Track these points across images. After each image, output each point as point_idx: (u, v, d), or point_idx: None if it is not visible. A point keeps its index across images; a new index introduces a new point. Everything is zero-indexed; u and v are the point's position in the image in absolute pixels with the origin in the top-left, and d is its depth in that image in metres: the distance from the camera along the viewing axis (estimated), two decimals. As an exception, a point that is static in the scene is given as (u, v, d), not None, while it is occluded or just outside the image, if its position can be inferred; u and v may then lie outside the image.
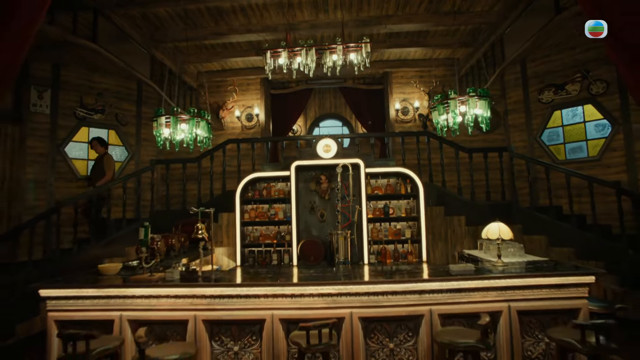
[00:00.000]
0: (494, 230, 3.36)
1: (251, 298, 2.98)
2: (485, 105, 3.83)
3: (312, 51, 4.15)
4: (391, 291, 2.94)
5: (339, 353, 2.94)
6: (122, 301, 3.04)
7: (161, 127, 4.17)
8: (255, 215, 5.66)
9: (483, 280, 2.95)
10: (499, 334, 2.96)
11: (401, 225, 5.54)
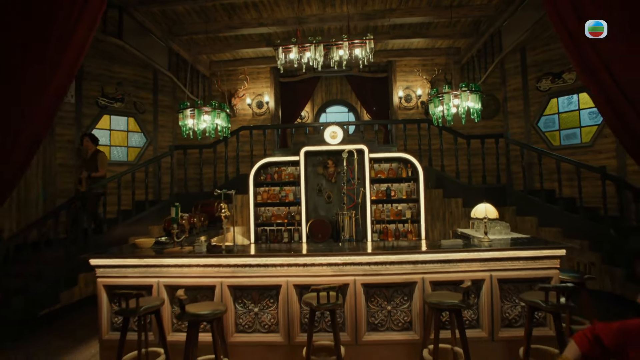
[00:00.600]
0: (481, 210, 3.80)
1: (269, 267, 3.47)
2: (477, 98, 4.21)
3: (320, 47, 4.53)
4: (389, 261, 3.42)
5: (344, 314, 3.45)
6: (158, 269, 3.56)
7: (186, 119, 4.62)
8: (267, 197, 6.16)
9: (469, 253, 3.42)
10: (482, 299, 3.44)
11: (402, 206, 6.01)
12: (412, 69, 7.95)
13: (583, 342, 1.66)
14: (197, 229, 5.55)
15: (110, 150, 7.46)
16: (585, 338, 1.66)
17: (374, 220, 5.81)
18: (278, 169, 6.21)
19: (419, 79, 7.93)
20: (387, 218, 5.98)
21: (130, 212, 6.50)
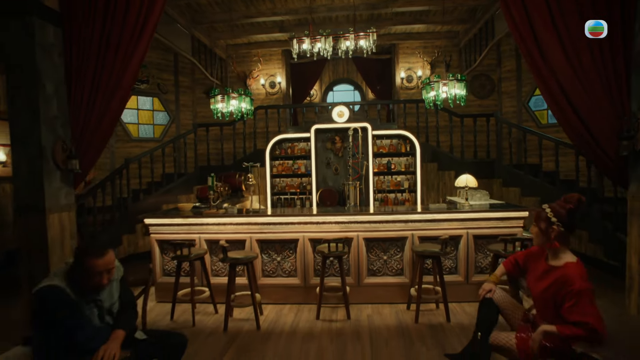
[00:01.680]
0: (462, 180, 4.59)
1: (289, 225, 4.32)
2: (462, 86, 4.89)
3: (330, 38, 5.19)
4: (386, 220, 4.25)
5: (349, 262, 4.31)
6: (200, 227, 4.42)
7: (217, 103, 5.37)
8: (282, 169, 6.97)
9: (450, 214, 4.23)
10: (460, 251, 4.28)
11: (401, 177, 6.80)
12: (414, 51, 8.53)
13: (507, 264, 2.48)
14: (223, 197, 6.42)
15: (139, 128, 8.26)
16: (509, 262, 2.48)
17: (376, 190, 6.62)
18: (291, 145, 6.98)
19: (420, 61, 8.52)
20: (387, 188, 6.79)
21: (160, 183, 7.37)
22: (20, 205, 3.41)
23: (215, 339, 3.52)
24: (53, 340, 1.77)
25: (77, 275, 1.86)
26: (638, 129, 2.93)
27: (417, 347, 3.27)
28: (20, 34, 3.29)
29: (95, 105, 3.53)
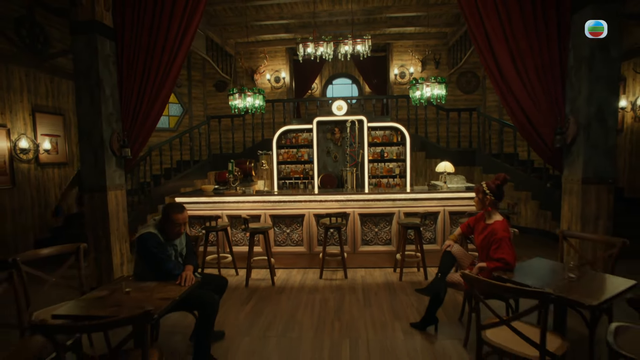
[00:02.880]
0: (441, 166, 5.48)
1: (296, 202, 5.22)
2: (442, 87, 5.74)
3: (331, 44, 6.01)
4: (377, 199, 5.16)
5: (347, 233, 5.23)
6: (222, 204, 5.31)
7: (235, 100, 6.21)
8: (287, 156, 7.83)
9: (429, 194, 5.14)
10: (437, 225, 5.20)
11: (392, 165, 7.68)
12: (407, 50, 9.33)
13: (462, 227, 3.39)
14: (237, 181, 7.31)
15: (157, 119, 9.06)
16: (464, 225, 3.39)
17: (370, 175, 7.51)
18: (295, 135, 7.84)
19: (412, 59, 9.34)
20: (380, 174, 7.68)
21: (177, 169, 8.24)
22: (87, 185, 4.29)
23: (240, 292, 4.45)
24: (150, 268, 2.67)
25: (164, 226, 2.75)
26: (568, 127, 3.81)
27: (399, 295, 4.22)
28: (86, 48, 4.12)
29: (142, 105, 4.37)
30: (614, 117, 3.66)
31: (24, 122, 6.05)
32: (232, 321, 3.64)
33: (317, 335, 3.34)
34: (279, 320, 3.65)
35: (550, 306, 1.99)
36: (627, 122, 6.39)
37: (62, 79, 6.88)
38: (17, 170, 5.88)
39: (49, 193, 6.52)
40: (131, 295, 2.40)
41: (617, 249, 2.84)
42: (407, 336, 3.28)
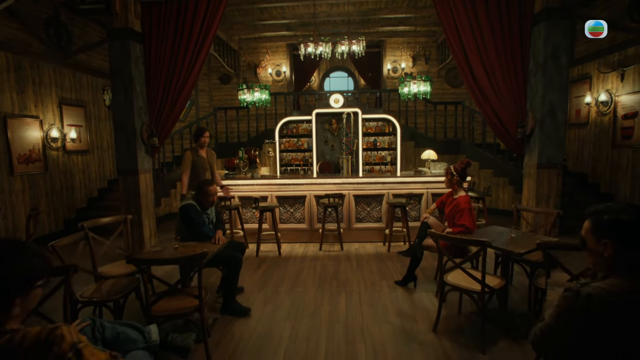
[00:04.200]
0: (426, 154, 6.26)
1: (299, 185, 5.98)
2: (428, 85, 6.48)
3: (329, 44, 6.71)
4: (369, 182, 5.93)
5: (343, 212, 6.02)
6: (233, 187, 6.04)
7: (244, 94, 6.92)
8: (288, 145, 8.56)
9: (414, 178, 5.92)
10: (422, 204, 6.00)
11: (384, 153, 8.44)
12: (399, 46, 10.03)
13: (437, 202, 4.17)
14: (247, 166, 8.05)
15: (166, 109, 9.73)
16: (438, 201, 4.17)
17: (364, 163, 8.26)
18: (296, 125, 8.55)
19: (404, 55, 10.04)
20: (373, 161, 8.44)
21: (187, 156, 8.94)
22: (121, 169, 5.02)
23: (252, 261, 5.24)
24: (191, 232, 3.44)
25: (199, 197, 3.52)
26: (528, 121, 4.58)
27: (387, 262, 5.02)
28: (121, 51, 4.80)
29: (167, 100, 5.08)
30: (563, 114, 4.44)
31: (53, 113, 6.73)
32: (248, 281, 4.42)
33: (318, 290, 4.14)
34: (287, 280, 4.44)
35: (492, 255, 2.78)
36: (592, 117, 7.18)
37: (83, 73, 7.53)
38: (49, 157, 6.57)
39: (74, 178, 7.22)
40: (179, 249, 3.16)
41: (554, 218, 3.65)
42: (391, 290, 4.09)
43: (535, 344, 1.48)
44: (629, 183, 6.26)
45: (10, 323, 1.11)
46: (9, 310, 1.08)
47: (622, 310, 1.25)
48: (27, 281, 1.11)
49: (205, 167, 5.05)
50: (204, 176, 4.95)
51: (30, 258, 1.12)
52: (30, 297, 1.15)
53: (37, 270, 1.13)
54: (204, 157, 5.06)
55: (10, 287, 1.07)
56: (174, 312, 2.61)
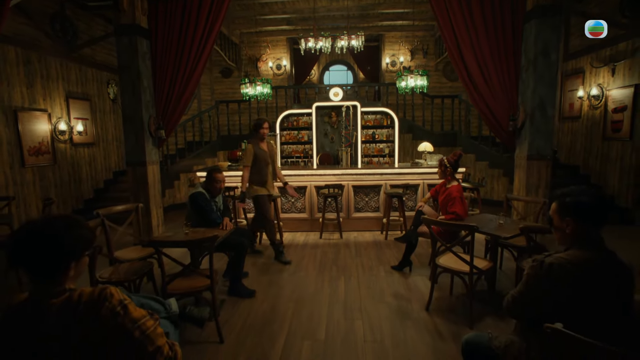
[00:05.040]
0: (422, 146, 6.48)
1: (300, 176, 6.20)
2: (424, 79, 6.68)
3: (329, 39, 6.89)
4: (367, 173, 6.16)
5: (342, 202, 6.25)
6: (237, 178, 6.25)
7: (246, 88, 7.11)
8: (289, 137, 8.75)
9: (411, 169, 6.15)
10: (418, 195, 6.23)
11: (383, 145, 8.64)
12: (397, 40, 10.18)
13: (431, 192, 4.40)
14: (245, 159, 8.26)
15: (168, 103, 9.91)
16: (432, 190, 4.40)
17: (363, 154, 8.47)
18: (296, 118, 8.74)
19: (403, 49, 10.20)
20: (372, 153, 8.65)
21: (190, 149, 9.15)
22: (130, 160, 5.23)
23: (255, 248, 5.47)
24: (200, 219, 3.66)
25: (208, 185, 3.74)
26: (519, 114, 4.79)
27: (384, 250, 5.27)
28: (128, 47, 4.99)
29: (173, 94, 5.28)
30: (552, 108, 4.65)
31: (60, 107, 6.92)
32: (252, 266, 4.67)
33: (319, 274, 4.39)
34: (289, 266, 4.69)
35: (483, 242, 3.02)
36: (584, 110, 7.39)
37: (88, 67, 7.70)
38: (57, 150, 6.78)
39: (81, 170, 7.44)
40: (189, 235, 3.39)
41: (540, 206, 3.88)
42: (388, 274, 4.33)
43: (508, 308, 1.72)
44: (617, 174, 6.50)
45: (68, 283, 1.34)
46: (67, 272, 1.31)
47: (577, 275, 1.48)
48: (81, 248, 1.34)
49: (267, 161, 4.78)
50: (265, 170, 4.75)
51: (84, 229, 1.35)
52: (81, 263, 1.37)
53: (87, 239, 1.36)
54: (266, 151, 4.79)
55: (71, 252, 1.30)
56: (187, 290, 2.84)
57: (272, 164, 4.88)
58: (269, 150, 4.85)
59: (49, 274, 1.29)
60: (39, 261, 1.27)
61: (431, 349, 2.78)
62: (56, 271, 1.30)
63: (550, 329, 1.30)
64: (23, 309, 1.28)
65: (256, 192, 4.75)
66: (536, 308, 1.60)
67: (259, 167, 4.72)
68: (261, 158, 4.70)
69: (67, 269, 1.30)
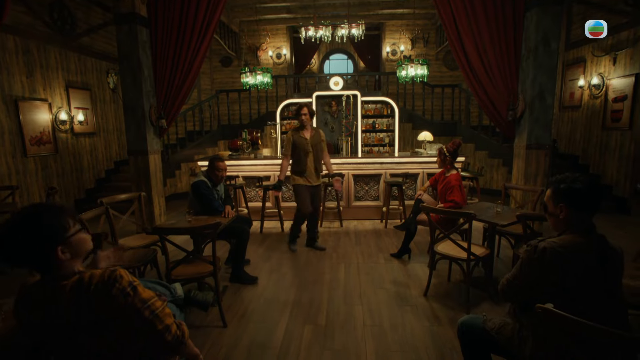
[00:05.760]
0: (422, 135, 6.50)
1: (300, 166, 6.24)
2: (425, 68, 6.67)
3: (329, 27, 6.86)
4: (367, 162, 6.20)
5: (342, 190, 6.29)
6: (238, 167, 6.32)
7: (246, 77, 7.10)
8: (289, 127, 8.77)
9: (410, 158, 6.18)
10: (417, 184, 6.28)
11: (383, 134, 8.68)
12: (398, 29, 10.11)
13: (430, 180, 4.45)
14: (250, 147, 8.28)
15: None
16: (431, 179, 4.45)
17: (363, 144, 8.51)
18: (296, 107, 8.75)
19: (403, 38, 10.14)
20: (372, 142, 8.69)
21: (190, 138, 9.17)
22: (132, 150, 5.27)
23: (256, 236, 5.54)
24: (203, 207, 3.72)
25: (210, 173, 3.79)
26: (518, 104, 4.81)
27: (383, 238, 5.34)
28: (128, 36, 4.98)
29: (174, 83, 5.29)
30: (552, 97, 4.66)
31: (61, 96, 6.92)
32: (253, 254, 4.74)
33: (320, 262, 4.46)
34: (290, 253, 4.76)
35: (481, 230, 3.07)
36: (584, 100, 7.39)
37: (87, 57, 7.67)
38: (58, 139, 6.81)
39: (82, 159, 7.47)
40: (192, 223, 3.45)
41: (538, 194, 3.93)
42: (387, 262, 4.41)
43: (502, 291, 1.78)
44: (616, 164, 6.54)
45: (77, 266, 1.40)
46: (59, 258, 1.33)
47: (568, 259, 1.54)
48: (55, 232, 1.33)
49: (307, 150, 4.49)
50: (304, 160, 4.50)
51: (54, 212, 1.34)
52: (72, 243, 1.38)
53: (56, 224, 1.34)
54: (306, 139, 4.50)
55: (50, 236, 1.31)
56: (190, 276, 2.91)
57: (315, 153, 4.55)
58: (313, 138, 4.55)
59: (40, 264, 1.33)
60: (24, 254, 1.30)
61: (429, 332, 2.86)
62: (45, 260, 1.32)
63: (541, 309, 1.36)
64: (38, 288, 1.34)
65: (294, 182, 4.60)
66: (529, 291, 1.66)
67: (298, 156, 4.51)
68: (300, 147, 4.47)
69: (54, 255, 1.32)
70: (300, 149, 4.49)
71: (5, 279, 3.82)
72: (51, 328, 1.34)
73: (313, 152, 4.53)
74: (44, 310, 1.32)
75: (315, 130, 4.64)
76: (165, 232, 2.71)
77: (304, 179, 4.57)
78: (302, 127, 4.54)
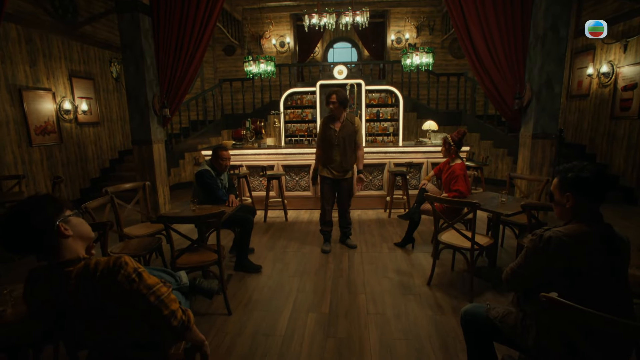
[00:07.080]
0: (427, 124, 6.45)
1: (304, 154, 6.23)
2: (430, 56, 6.57)
3: (333, 15, 6.77)
4: (371, 152, 6.17)
5: (346, 181, 6.28)
6: (242, 157, 6.32)
7: (250, 66, 7.05)
8: (293, 116, 8.72)
9: (415, 148, 6.15)
10: (422, 173, 6.25)
11: (387, 124, 8.60)
12: (403, 16, 9.96)
13: (435, 170, 4.43)
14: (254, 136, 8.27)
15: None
16: (436, 168, 4.42)
17: (367, 133, 8.45)
18: (300, 97, 8.68)
19: (408, 25, 9.99)
20: (376, 132, 8.62)
21: (194, 128, 9.16)
22: (136, 139, 5.27)
23: (260, 225, 5.56)
24: (207, 196, 3.73)
25: (214, 162, 3.79)
26: (525, 92, 4.74)
27: (387, 227, 5.34)
28: (131, 24, 4.94)
29: (177, 72, 5.25)
30: (559, 86, 4.59)
31: (64, 86, 6.91)
32: (257, 243, 4.76)
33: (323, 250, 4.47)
34: (294, 243, 4.78)
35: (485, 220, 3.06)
36: (593, 88, 7.27)
37: (90, 46, 7.64)
38: (63, 129, 6.82)
39: (87, 149, 7.50)
40: (196, 212, 3.46)
41: (543, 184, 3.90)
42: (391, 251, 4.41)
43: (506, 280, 1.77)
44: (624, 153, 6.46)
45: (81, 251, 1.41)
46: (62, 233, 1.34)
47: (574, 248, 1.52)
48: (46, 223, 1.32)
49: (333, 143, 4.16)
50: (330, 152, 4.19)
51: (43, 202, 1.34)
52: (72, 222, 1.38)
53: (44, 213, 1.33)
54: (335, 130, 4.14)
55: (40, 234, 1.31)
56: (195, 264, 2.93)
57: (343, 146, 4.18)
58: (342, 130, 4.15)
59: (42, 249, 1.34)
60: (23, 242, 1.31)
61: (432, 321, 2.87)
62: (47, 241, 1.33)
63: (545, 298, 1.36)
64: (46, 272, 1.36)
65: (320, 172, 4.38)
66: (534, 280, 1.66)
67: (324, 147, 4.24)
68: (327, 138, 4.18)
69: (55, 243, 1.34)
70: (326, 141, 4.20)
71: (14, 265, 3.88)
72: (58, 314, 1.36)
73: (341, 146, 4.18)
74: (51, 296, 1.34)
75: (348, 120, 4.19)
76: (170, 221, 2.73)
77: (328, 170, 4.29)
78: (333, 117, 4.19)
